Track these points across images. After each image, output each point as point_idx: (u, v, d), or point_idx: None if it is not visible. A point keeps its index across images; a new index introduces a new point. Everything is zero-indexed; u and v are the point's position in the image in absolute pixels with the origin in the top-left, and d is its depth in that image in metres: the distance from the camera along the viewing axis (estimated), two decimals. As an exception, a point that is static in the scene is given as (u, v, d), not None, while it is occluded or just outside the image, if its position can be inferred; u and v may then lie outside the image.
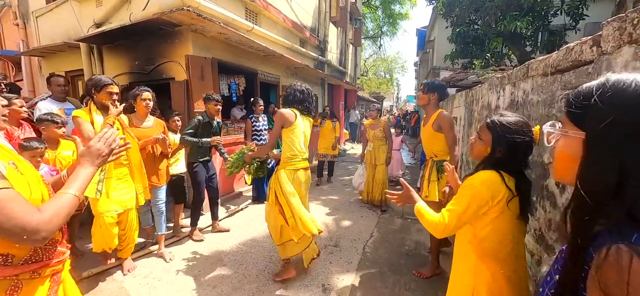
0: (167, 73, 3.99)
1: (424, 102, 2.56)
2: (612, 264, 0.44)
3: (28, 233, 0.74)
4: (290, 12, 6.40)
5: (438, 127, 2.48)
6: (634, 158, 0.45)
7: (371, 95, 22.14)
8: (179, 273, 2.65)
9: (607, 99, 0.48)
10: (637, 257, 0.42)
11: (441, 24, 10.58)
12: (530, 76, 1.63)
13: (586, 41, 1.11)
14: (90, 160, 0.97)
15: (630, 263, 0.42)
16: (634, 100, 0.45)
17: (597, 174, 0.49)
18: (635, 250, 0.42)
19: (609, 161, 0.47)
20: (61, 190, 0.86)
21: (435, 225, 1.14)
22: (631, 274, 0.41)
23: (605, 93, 0.49)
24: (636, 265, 0.41)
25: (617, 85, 0.48)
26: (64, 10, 5.14)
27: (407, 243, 3.26)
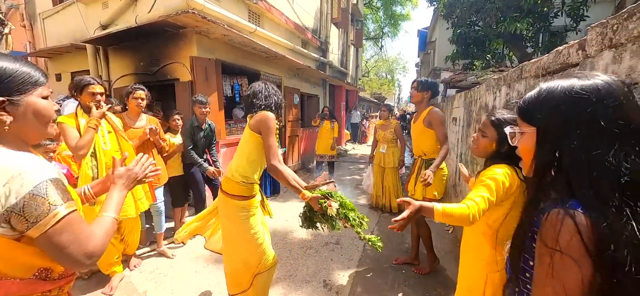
0: (172, 74, 4.08)
1: (418, 99, 2.59)
2: (549, 222, 0.57)
3: (87, 257, 0.75)
4: (292, 13, 6.48)
5: (428, 123, 2.51)
6: (567, 142, 0.58)
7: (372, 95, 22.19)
8: (185, 268, 2.72)
9: (543, 99, 0.62)
10: (567, 216, 0.54)
11: (442, 25, 10.62)
12: (523, 77, 1.69)
13: (573, 45, 1.17)
14: (127, 184, 0.98)
15: (562, 220, 0.55)
16: (560, 99, 0.59)
17: (544, 156, 0.62)
18: (566, 211, 0.55)
19: (549, 146, 0.61)
20: (102, 213, 0.87)
21: (465, 216, 1.07)
22: (561, 227, 0.54)
23: (541, 96, 0.63)
24: (565, 221, 0.54)
25: (548, 89, 0.62)
26: (70, 12, 5.24)
27: (407, 241, 3.31)
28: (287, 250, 3.08)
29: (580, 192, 0.55)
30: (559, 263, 0.54)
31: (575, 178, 0.56)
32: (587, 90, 0.56)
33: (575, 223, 0.53)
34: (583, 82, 0.58)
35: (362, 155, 9.92)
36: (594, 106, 0.55)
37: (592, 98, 0.55)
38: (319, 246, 3.17)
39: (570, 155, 0.57)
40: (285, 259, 2.89)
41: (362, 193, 5.27)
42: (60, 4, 5.66)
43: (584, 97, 0.56)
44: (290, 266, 2.77)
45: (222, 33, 3.94)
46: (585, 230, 0.52)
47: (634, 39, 0.88)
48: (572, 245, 0.52)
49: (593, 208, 0.53)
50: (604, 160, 0.53)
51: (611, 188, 0.52)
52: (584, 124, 0.56)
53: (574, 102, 0.57)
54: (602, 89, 0.55)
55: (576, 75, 0.61)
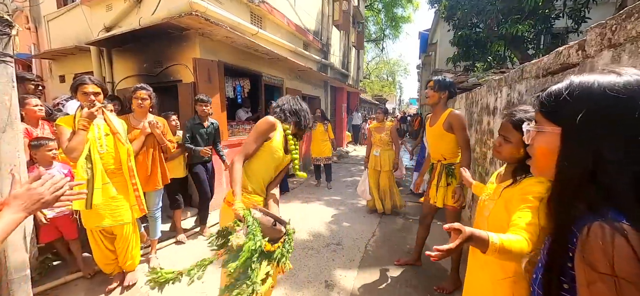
0: (175, 75, 4.11)
1: (435, 100, 2.39)
2: (594, 240, 0.49)
3: None
4: (294, 16, 6.52)
5: (449, 127, 2.29)
6: (607, 146, 0.51)
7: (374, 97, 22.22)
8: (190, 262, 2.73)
9: (577, 96, 0.55)
10: (616, 231, 0.48)
11: (443, 27, 10.64)
12: (524, 78, 1.70)
13: (573, 45, 1.19)
14: (25, 205, 0.80)
15: (613, 237, 0.48)
16: (600, 95, 0.52)
17: (575, 162, 0.55)
18: (613, 225, 0.48)
19: (585, 150, 0.53)
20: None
21: (525, 252, 0.89)
22: (615, 247, 0.47)
23: (573, 92, 0.55)
24: (617, 238, 0.47)
25: (583, 84, 0.55)
26: (74, 15, 5.30)
27: (409, 242, 3.32)
28: (288, 250, 3.09)
29: (621, 202, 0.49)
30: (619, 292, 0.46)
31: (619, 188, 0.50)
32: (630, 89, 0.50)
33: (627, 241, 0.46)
34: (625, 79, 0.51)
35: (363, 157, 9.94)
36: (637, 108, 0.49)
37: (636, 98, 0.49)
38: (320, 246, 3.18)
39: (611, 160, 0.50)
40: (286, 259, 2.90)
41: (362, 194, 5.28)
42: (64, 6, 5.73)
43: (627, 96, 0.50)
44: (293, 266, 2.78)
45: (225, 35, 3.97)
46: (636, 243, 0.46)
47: (632, 38, 0.89)
48: (630, 267, 0.46)
49: (637, 219, 0.47)
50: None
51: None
52: (627, 127, 0.50)
53: (615, 100, 0.50)
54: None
55: (609, 71, 0.55)
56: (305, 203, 4.76)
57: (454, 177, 2.33)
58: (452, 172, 2.34)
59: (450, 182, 2.34)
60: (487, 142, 2.63)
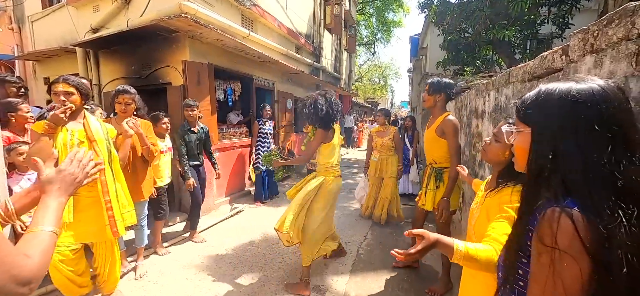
0: (164, 78, 4.04)
1: (430, 104, 2.33)
2: (546, 220, 0.57)
3: (19, 284, 0.60)
4: (286, 19, 6.52)
5: (441, 132, 2.26)
6: (563, 144, 0.59)
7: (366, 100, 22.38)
8: (175, 276, 2.67)
9: (541, 101, 0.64)
10: (564, 214, 0.55)
11: (433, 32, 10.82)
12: (511, 82, 1.73)
13: (557, 50, 1.21)
14: (64, 187, 0.79)
15: (559, 218, 0.55)
16: (561, 101, 0.61)
17: (539, 156, 0.64)
18: (563, 210, 0.55)
19: (545, 147, 0.62)
20: (35, 228, 0.70)
21: (492, 263, 0.91)
22: (559, 226, 0.55)
23: (539, 97, 0.65)
24: (562, 220, 0.55)
25: (547, 91, 0.64)
26: (60, 15, 5.17)
27: (401, 245, 3.32)
28: (280, 255, 3.05)
29: (576, 192, 0.56)
30: (558, 261, 0.55)
31: (571, 180, 0.57)
32: (583, 95, 0.58)
33: (572, 222, 0.54)
34: (580, 86, 0.59)
35: (356, 160, 9.96)
36: (589, 110, 0.56)
37: (587, 103, 0.57)
38: (312, 251, 3.15)
39: (565, 157, 0.58)
40: (278, 265, 2.86)
41: (355, 199, 5.27)
42: (50, 7, 5.58)
43: (580, 101, 0.57)
44: (283, 271, 2.75)
45: (215, 37, 3.93)
46: (582, 228, 0.53)
47: (613, 44, 0.91)
48: (571, 242, 0.53)
49: (589, 208, 0.54)
50: (598, 163, 0.55)
51: (605, 191, 0.54)
52: (579, 127, 0.57)
53: (570, 105, 0.58)
54: (597, 94, 0.57)
55: (575, 78, 0.62)
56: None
57: (442, 182, 2.32)
58: (441, 177, 2.34)
59: (439, 186, 2.34)
60: (476, 145, 2.66)
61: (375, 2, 18.87)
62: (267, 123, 4.73)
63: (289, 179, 6.57)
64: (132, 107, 2.47)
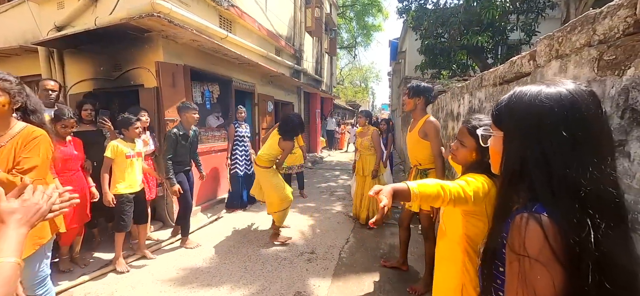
0: (136, 79, 3.85)
1: (410, 107, 2.42)
2: (515, 226, 0.57)
3: None
4: (266, 21, 6.44)
5: (424, 134, 2.33)
6: (531, 148, 0.58)
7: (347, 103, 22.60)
8: (148, 290, 2.52)
9: (512, 105, 0.63)
10: (532, 220, 0.54)
11: (411, 36, 11.11)
12: (483, 86, 1.79)
13: (525, 56, 1.26)
14: (25, 220, 0.76)
15: (527, 224, 0.54)
16: (528, 106, 0.59)
17: (509, 162, 0.63)
18: (531, 215, 0.55)
19: (515, 151, 0.61)
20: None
21: (438, 191, 1.00)
22: (527, 231, 0.54)
23: (511, 101, 0.63)
24: (531, 225, 0.54)
25: (518, 95, 0.62)
26: (20, 12, 4.79)
27: (382, 247, 3.35)
28: (260, 262, 2.97)
29: (544, 198, 0.55)
30: (528, 269, 0.53)
31: (539, 185, 0.56)
32: (551, 99, 0.56)
33: (541, 227, 0.52)
34: (549, 90, 0.58)
35: (338, 162, 10.00)
36: (555, 115, 0.55)
37: (554, 108, 0.55)
38: (293, 256, 3.10)
39: (533, 161, 0.57)
40: (258, 272, 2.79)
41: (338, 199, 5.27)
42: (8, 2, 5.16)
43: (547, 106, 0.56)
44: (264, 279, 2.68)
45: (191, 38, 3.80)
46: (551, 233, 0.52)
47: (576, 50, 0.96)
48: (540, 249, 0.52)
49: (556, 214, 0.53)
50: (564, 169, 0.54)
51: (572, 198, 0.52)
52: (546, 132, 0.56)
53: (538, 109, 0.57)
54: (565, 99, 0.55)
55: (547, 82, 0.61)
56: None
57: None
58: (426, 178, 2.37)
59: None
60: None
61: (355, 6, 19.16)
62: (242, 125, 4.61)
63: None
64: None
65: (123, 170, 2.72)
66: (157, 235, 3.54)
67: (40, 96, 2.86)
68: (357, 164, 4.13)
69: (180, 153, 3.17)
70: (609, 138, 0.57)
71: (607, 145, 0.56)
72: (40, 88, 2.93)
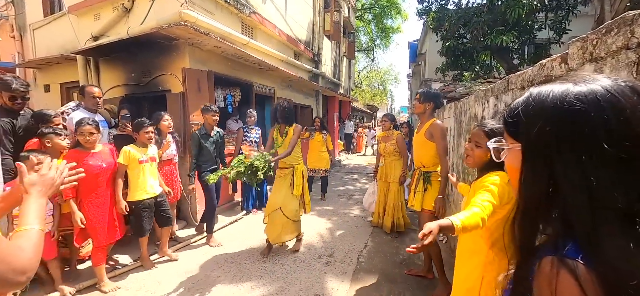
0: (164, 85, 4.05)
1: (420, 110, 2.58)
2: (542, 275, 0.45)
3: (18, 273, 0.67)
4: (285, 26, 6.56)
5: (430, 135, 2.49)
6: (561, 165, 0.45)
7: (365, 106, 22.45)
8: (174, 285, 2.64)
9: (531, 110, 0.50)
10: (564, 270, 0.43)
11: (432, 38, 10.88)
12: (510, 89, 1.73)
13: (556, 58, 1.21)
14: (44, 190, 0.88)
15: (558, 274, 0.43)
16: (552, 108, 0.47)
17: (531, 181, 0.50)
18: (563, 262, 0.43)
19: (540, 168, 0.48)
20: (24, 226, 0.78)
21: (478, 221, 1.07)
22: (557, 285, 0.43)
23: (529, 106, 0.51)
24: (562, 277, 0.43)
25: (538, 97, 0.50)
26: (61, 24, 5.20)
27: (402, 253, 3.29)
28: (279, 263, 3.02)
29: (581, 232, 0.43)
30: None
31: (573, 215, 0.44)
32: (584, 101, 0.44)
33: (576, 280, 0.41)
34: (579, 89, 0.45)
35: (356, 165, 9.94)
36: (593, 121, 0.43)
37: (590, 112, 0.43)
38: (312, 259, 3.13)
39: (564, 185, 0.45)
40: (277, 273, 2.83)
41: (356, 203, 5.25)
42: (51, 15, 5.62)
43: (580, 110, 0.44)
44: (283, 280, 2.72)
45: (215, 45, 3.96)
46: (588, 286, 0.40)
47: (612, 53, 0.91)
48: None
49: (597, 258, 0.41)
50: (609, 196, 0.42)
51: (622, 232, 0.41)
52: (581, 144, 0.43)
53: (568, 114, 0.45)
54: (602, 99, 0.43)
55: (573, 79, 0.48)
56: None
57: (430, 184, 2.53)
58: (428, 179, 2.54)
59: (427, 188, 2.55)
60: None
61: (373, 8, 19.04)
62: (252, 130, 4.43)
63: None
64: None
65: (136, 176, 2.68)
66: (181, 234, 3.69)
67: (87, 102, 3.00)
68: (380, 169, 3.95)
69: (205, 153, 3.32)
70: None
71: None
72: (86, 95, 3.01)
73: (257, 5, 5.31)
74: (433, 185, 2.52)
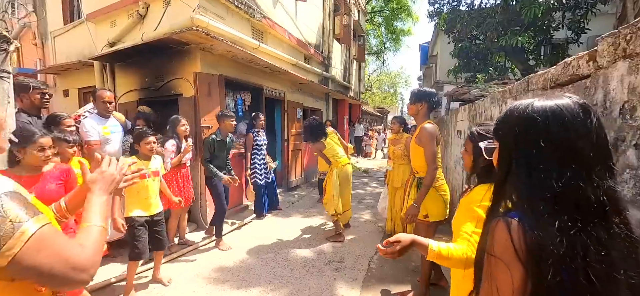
0: (176, 89, 4.11)
1: (413, 111, 2.40)
2: (490, 231, 0.62)
3: (78, 271, 0.66)
4: (296, 30, 6.59)
5: (418, 141, 2.30)
6: (516, 155, 0.63)
7: (376, 109, 22.28)
8: (183, 289, 2.64)
9: (503, 118, 0.68)
10: (501, 223, 0.60)
11: (443, 40, 10.72)
12: (530, 90, 1.65)
13: (583, 56, 1.14)
14: (105, 188, 0.90)
15: (496, 227, 0.60)
16: (517, 117, 0.64)
17: (500, 170, 0.69)
18: (503, 219, 0.60)
19: (504, 158, 0.67)
20: (86, 223, 0.79)
21: (463, 260, 1.02)
22: (495, 233, 0.60)
23: (505, 115, 0.68)
24: (499, 228, 0.60)
25: (512, 108, 0.66)
26: (80, 31, 5.38)
27: (413, 259, 3.20)
28: (289, 268, 2.99)
29: (521, 204, 0.61)
30: (494, 267, 0.60)
31: (517, 191, 0.62)
32: (537, 112, 0.61)
33: (508, 230, 0.58)
34: (538, 104, 0.62)
35: (366, 169, 9.83)
36: (538, 126, 0.59)
37: (538, 119, 0.60)
38: (321, 264, 3.07)
39: (515, 170, 0.63)
40: (286, 278, 2.79)
41: (366, 208, 5.16)
42: (70, 22, 5.83)
43: (531, 118, 0.61)
44: (292, 286, 2.68)
45: (226, 49, 3.99)
46: (516, 236, 0.57)
47: (649, 48, 0.84)
48: (504, 250, 0.58)
49: (527, 218, 0.57)
50: (542, 177, 0.58)
51: (546, 202, 0.56)
52: (529, 143, 0.60)
53: (524, 121, 0.62)
54: (550, 111, 0.59)
55: (540, 95, 0.67)
56: (306, 218, 4.65)
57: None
58: (420, 186, 2.35)
59: None
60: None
61: (384, 12, 18.95)
62: (260, 133, 4.45)
63: (298, 189, 6.52)
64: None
65: (136, 191, 2.37)
66: (190, 237, 3.71)
67: (98, 107, 2.94)
68: (389, 174, 3.79)
69: (218, 158, 3.34)
70: (601, 147, 0.58)
71: (597, 153, 0.57)
72: (98, 99, 2.93)
73: (267, 10, 5.35)
74: (426, 195, 2.30)
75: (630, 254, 0.55)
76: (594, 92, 1.06)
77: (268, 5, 5.44)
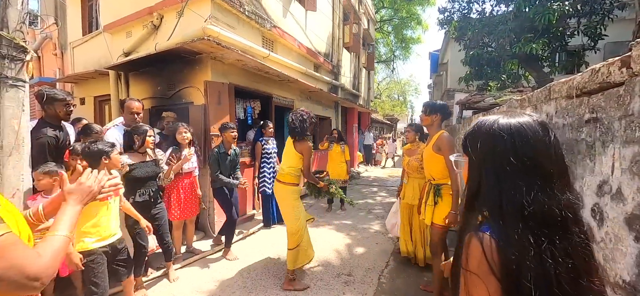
0: (187, 97, 4.16)
1: (428, 122, 2.55)
2: (465, 245, 0.64)
3: (31, 280, 0.70)
4: (305, 39, 6.63)
5: (437, 148, 2.44)
6: (485, 170, 0.65)
7: (385, 117, 22.13)
8: (190, 298, 2.60)
9: (473, 134, 0.69)
10: (475, 238, 0.61)
11: (454, 47, 10.60)
12: (552, 98, 1.57)
13: (614, 62, 1.06)
14: (80, 199, 0.93)
15: (470, 241, 0.62)
16: (484, 133, 0.66)
17: (469, 183, 0.71)
18: (476, 234, 0.61)
19: (474, 173, 0.69)
20: (52, 232, 0.82)
21: None
22: (469, 248, 0.62)
23: (473, 130, 0.70)
24: (473, 243, 0.61)
25: (479, 124, 0.69)
26: (97, 41, 5.57)
27: (426, 275, 3.08)
28: (297, 280, 2.90)
29: (491, 218, 0.62)
30: (469, 282, 0.60)
31: (488, 206, 0.64)
32: (502, 129, 0.63)
33: (481, 245, 0.59)
34: (503, 121, 0.65)
35: (376, 178, 9.70)
36: (504, 143, 0.62)
37: (504, 136, 0.62)
38: (330, 278, 2.99)
39: (485, 185, 0.64)
40: (294, 293, 2.72)
41: (376, 218, 5.05)
42: (89, 33, 6.05)
43: (498, 135, 0.63)
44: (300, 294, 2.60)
45: (236, 58, 4.03)
46: (489, 251, 0.58)
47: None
48: (479, 264, 0.59)
49: (499, 232, 0.59)
50: (511, 192, 0.60)
51: (516, 218, 0.58)
52: (497, 158, 0.62)
53: (492, 137, 0.64)
54: (514, 129, 0.62)
55: (506, 112, 0.68)
56: (314, 228, 4.57)
57: (441, 197, 2.45)
58: (439, 192, 2.45)
59: (437, 201, 2.46)
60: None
61: (393, 20, 18.99)
62: (269, 142, 4.41)
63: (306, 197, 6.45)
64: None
65: (92, 217, 1.88)
66: (198, 245, 3.68)
67: (126, 117, 2.92)
68: (403, 188, 3.30)
69: (224, 169, 3.34)
70: (559, 162, 0.61)
71: (556, 168, 0.60)
72: (125, 109, 2.93)
73: (277, 19, 5.41)
74: (444, 198, 2.43)
75: (588, 261, 0.58)
76: (629, 101, 0.98)
77: (278, 14, 5.50)
